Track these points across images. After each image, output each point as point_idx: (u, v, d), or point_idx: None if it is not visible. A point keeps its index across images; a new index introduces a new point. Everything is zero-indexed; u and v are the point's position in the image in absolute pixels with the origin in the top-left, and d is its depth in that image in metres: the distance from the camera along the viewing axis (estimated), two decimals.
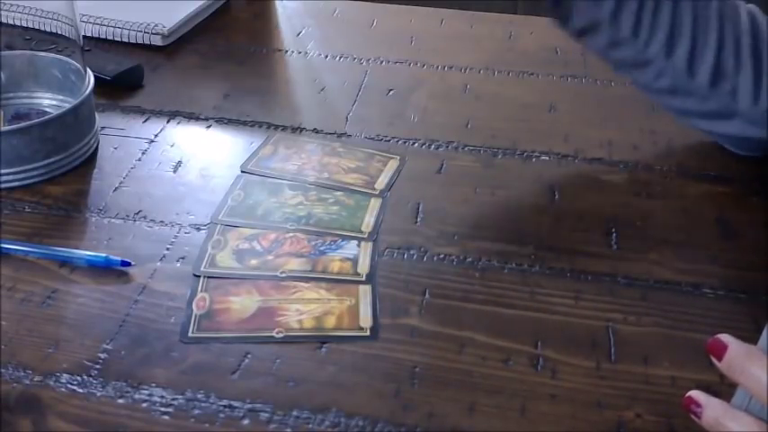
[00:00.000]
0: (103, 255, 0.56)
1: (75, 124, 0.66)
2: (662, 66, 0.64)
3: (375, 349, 0.51)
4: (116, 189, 0.65)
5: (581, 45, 0.69)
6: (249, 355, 0.50)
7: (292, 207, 0.63)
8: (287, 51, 0.88)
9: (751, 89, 0.63)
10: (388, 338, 0.52)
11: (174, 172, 0.67)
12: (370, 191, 0.65)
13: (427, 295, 0.55)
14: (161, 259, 0.57)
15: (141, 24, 0.86)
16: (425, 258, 0.58)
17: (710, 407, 0.40)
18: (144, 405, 0.47)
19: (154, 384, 0.48)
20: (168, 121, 0.74)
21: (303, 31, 0.92)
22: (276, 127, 0.73)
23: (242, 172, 0.67)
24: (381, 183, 0.66)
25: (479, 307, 0.54)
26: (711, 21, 0.63)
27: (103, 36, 0.86)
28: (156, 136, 0.72)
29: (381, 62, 0.85)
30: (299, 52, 0.88)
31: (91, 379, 0.48)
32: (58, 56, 0.70)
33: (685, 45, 0.63)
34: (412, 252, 0.59)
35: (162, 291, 0.55)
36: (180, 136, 0.72)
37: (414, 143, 0.71)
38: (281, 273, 0.56)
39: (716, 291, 0.56)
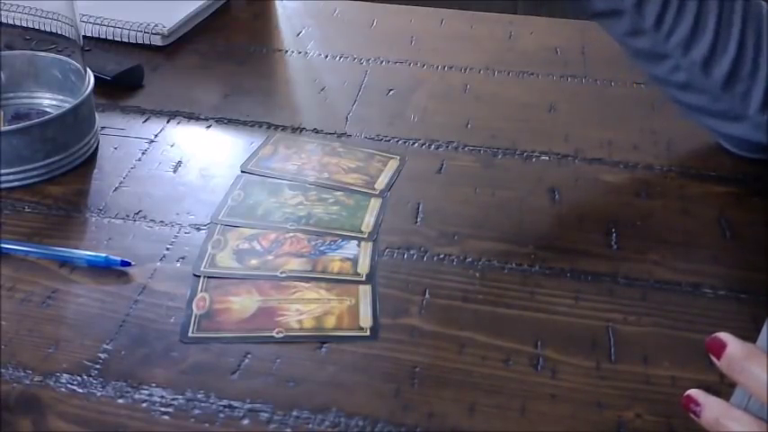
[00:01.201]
0: (103, 255, 0.56)
1: (75, 124, 0.66)
2: (679, 60, 0.64)
3: (375, 349, 0.51)
4: (116, 189, 0.65)
5: (600, 27, 0.68)
6: (249, 355, 0.50)
7: (292, 207, 0.63)
8: (287, 51, 0.88)
9: (762, 95, 0.63)
10: (388, 338, 0.52)
11: (174, 172, 0.67)
12: (370, 191, 0.65)
13: (427, 295, 0.55)
14: (161, 259, 0.57)
15: (141, 24, 0.86)
16: (425, 258, 0.58)
17: (710, 406, 0.40)
18: (144, 405, 0.47)
19: (154, 384, 0.48)
20: (168, 121, 0.74)
21: (303, 31, 0.92)
22: (276, 127, 0.73)
23: (242, 172, 0.67)
24: (381, 183, 0.66)
25: (479, 307, 0.54)
26: (735, 21, 0.63)
27: (103, 36, 0.86)
28: (156, 136, 0.72)
29: (381, 62, 0.85)
30: (299, 52, 0.88)
31: (91, 379, 0.48)
32: (58, 56, 0.70)
33: (705, 43, 0.63)
34: (412, 252, 0.59)
35: (162, 291, 0.55)
36: (180, 136, 0.72)
37: (414, 143, 0.71)
38: (281, 273, 0.56)
39: (716, 291, 0.56)
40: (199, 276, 0.56)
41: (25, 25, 0.74)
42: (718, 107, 0.66)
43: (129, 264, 0.56)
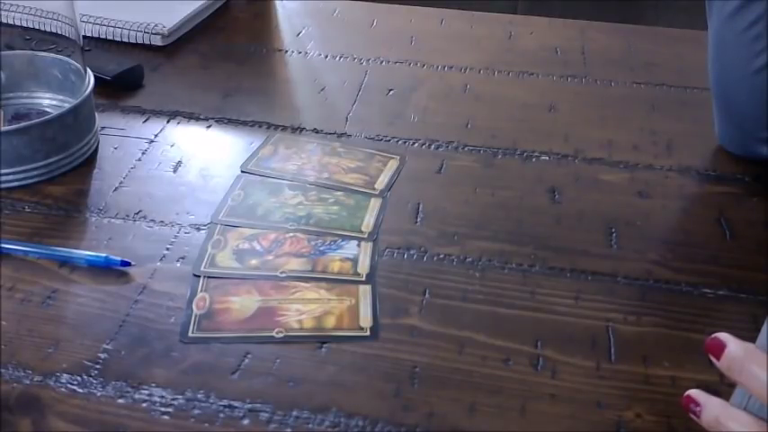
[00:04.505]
0: (103, 255, 0.56)
1: (75, 124, 0.66)
2: None
3: (375, 349, 0.51)
4: (116, 189, 0.65)
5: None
6: (249, 355, 0.50)
7: (292, 207, 0.63)
8: (287, 51, 0.88)
9: None
10: (388, 338, 0.52)
11: (174, 172, 0.67)
12: (370, 191, 0.65)
13: (427, 295, 0.55)
14: (161, 259, 0.57)
15: (141, 24, 0.86)
16: (425, 258, 0.58)
17: (710, 406, 0.40)
18: (144, 405, 0.47)
19: (154, 384, 0.48)
20: (168, 121, 0.74)
21: (303, 31, 0.92)
22: (276, 127, 0.73)
23: (242, 172, 0.67)
24: (381, 183, 0.66)
25: (479, 307, 0.54)
26: None
27: (103, 36, 0.86)
28: (156, 136, 0.72)
29: (381, 62, 0.85)
30: (299, 52, 0.88)
31: (91, 379, 0.48)
32: (58, 56, 0.70)
33: None
34: (412, 252, 0.59)
35: (162, 291, 0.55)
36: (180, 136, 0.72)
37: (414, 143, 0.71)
38: (281, 273, 0.56)
39: (716, 291, 0.56)
40: (199, 276, 0.56)
41: (25, 25, 0.74)
42: None
43: (129, 264, 0.56)
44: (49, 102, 0.72)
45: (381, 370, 0.50)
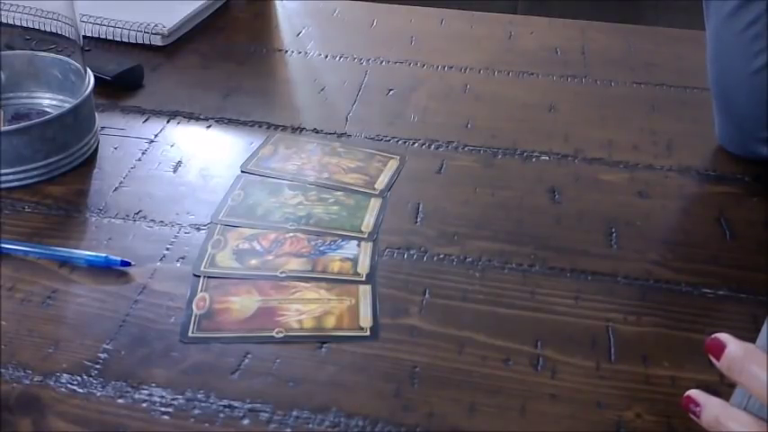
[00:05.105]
0: (103, 255, 0.56)
1: (75, 124, 0.66)
2: None
3: (375, 349, 0.51)
4: (116, 189, 0.65)
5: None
6: (249, 355, 0.50)
7: (292, 207, 0.63)
8: (287, 51, 0.88)
9: None
10: (388, 338, 0.52)
11: (174, 172, 0.67)
12: (370, 191, 0.65)
13: (427, 295, 0.55)
14: (161, 259, 0.57)
15: (141, 24, 0.86)
16: (425, 258, 0.58)
17: (710, 406, 0.40)
18: (144, 405, 0.47)
19: (154, 384, 0.48)
20: (168, 121, 0.74)
21: (303, 31, 0.92)
22: (276, 127, 0.73)
23: (242, 172, 0.67)
24: (381, 183, 0.66)
25: (479, 307, 0.54)
26: None
27: (103, 36, 0.86)
28: (156, 136, 0.72)
29: (381, 62, 0.85)
30: (299, 52, 0.88)
31: (91, 379, 0.48)
32: (58, 56, 0.70)
33: None
34: (412, 252, 0.59)
35: (162, 291, 0.55)
36: (180, 136, 0.72)
37: (414, 143, 0.71)
38: (281, 273, 0.56)
39: (716, 291, 0.56)
40: (199, 276, 0.56)
41: (25, 25, 0.74)
42: None
43: (129, 264, 0.56)
44: (49, 102, 0.72)
45: (381, 370, 0.50)
